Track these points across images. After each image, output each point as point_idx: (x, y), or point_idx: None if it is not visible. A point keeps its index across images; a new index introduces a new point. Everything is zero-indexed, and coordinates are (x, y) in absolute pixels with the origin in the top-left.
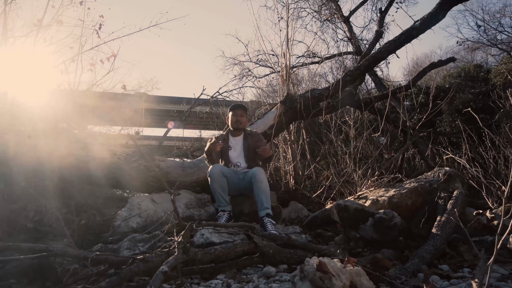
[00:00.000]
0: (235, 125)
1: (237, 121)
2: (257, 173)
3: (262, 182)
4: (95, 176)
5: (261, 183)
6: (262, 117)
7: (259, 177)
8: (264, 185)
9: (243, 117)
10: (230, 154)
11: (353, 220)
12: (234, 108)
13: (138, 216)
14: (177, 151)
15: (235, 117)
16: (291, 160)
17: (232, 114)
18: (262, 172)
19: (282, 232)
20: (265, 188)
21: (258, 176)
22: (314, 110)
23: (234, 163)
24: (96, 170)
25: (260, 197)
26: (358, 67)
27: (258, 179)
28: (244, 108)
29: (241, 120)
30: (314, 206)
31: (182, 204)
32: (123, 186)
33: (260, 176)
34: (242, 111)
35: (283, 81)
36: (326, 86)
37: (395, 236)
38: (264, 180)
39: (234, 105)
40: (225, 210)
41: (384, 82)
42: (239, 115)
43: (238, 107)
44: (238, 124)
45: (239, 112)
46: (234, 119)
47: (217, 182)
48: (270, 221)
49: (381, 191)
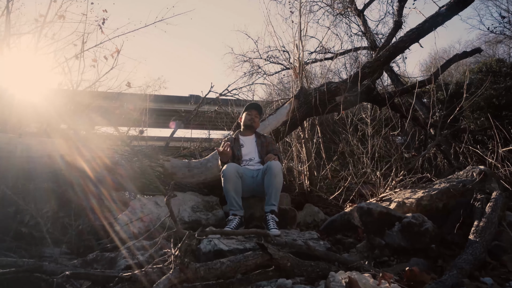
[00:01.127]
0: (249, 122)
1: (251, 119)
2: (274, 166)
3: (277, 176)
4: (94, 177)
5: (275, 178)
6: (274, 112)
7: (274, 171)
8: (277, 181)
9: (257, 117)
10: (242, 151)
11: (377, 225)
12: (250, 108)
13: (139, 221)
14: (185, 151)
15: (249, 116)
16: (306, 160)
17: (246, 113)
18: (279, 166)
19: (297, 237)
20: (277, 184)
21: (274, 169)
22: (330, 105)
23: (247, 158)
24: (95, 170)
25: (270, 190)
26: (377, 58)
27: (273, 173)
28: (260, 109)
29: (255, 120)
30: (331, 209)
31: (188, 207)
32: (124, 187)
33: (275, 170)
34: (257, 112)
35: (296, 75)
36: (343, 79)
37: (426, 243)
38: (279, 175)
39: (249, 104)
40: (237, 215)
41: (401, 78)
42: (254, 115)
43: (254, 108)
44: (252, 122)
45: (254, 113)
46: (248, 118)
47: (232, 183)
48: (273, 219)
49: (407, 193)
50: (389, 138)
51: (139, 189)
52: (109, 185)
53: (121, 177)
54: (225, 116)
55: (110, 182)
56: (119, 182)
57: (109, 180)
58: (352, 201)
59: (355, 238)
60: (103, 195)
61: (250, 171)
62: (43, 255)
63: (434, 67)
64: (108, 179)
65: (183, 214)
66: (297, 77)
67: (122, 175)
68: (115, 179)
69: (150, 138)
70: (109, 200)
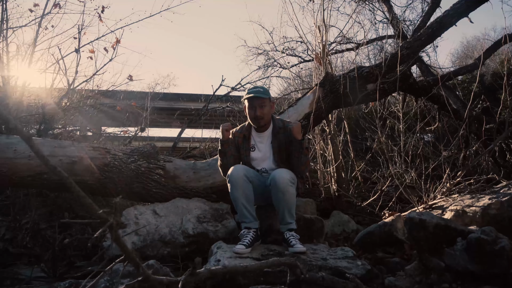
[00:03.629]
0: (255, 122)
1: (257, 117)
2: (279, 180)
3: (285, 192)
4: (82, 181)
5: (283, 194)
6: (295, 104)
7: (280, 186)
8: (288, 196)
9: (264, 107)
10: (252, 156)
11: (433, 241)
12: (250, 98)
13: (134, 234)
14: (195, 151)
15: (252, 110)
16: (333, 159)
17: (248, 104)
18: (286, 177)
19: (328, 255)
20: (288, 199)
21: (280, 184)
22: (361, 94)
23: (258, 168)
24: (84, 174)
25: (281, 209)
26: (418, 37)
27: (280, 189)
28: (264, 93)
29: (262, 112)
30: (364, 218)
31: (193, 217)
32: (118, 193)
33: (281, 185)
34: (260, 100)
35: (319, 60)
36: (376, 63)
37: (503, 267)
38: (288, 189)
39: (248, 91)
40: (251, 228)
41: (432, 69)
42: (258, 104)
43: (255, 97)
44: (259, 120)
45: (257, 102)
46: (252, 114)
47: (240, 189)
48: (293, 235)
49: (466, 199)
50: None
51: (135, 194)
52: (99, 190)
53: (113, 180)
54: (239, 113)
55: (100, 186)
56: (111, 186)
57: (100, 185)
58: (390, 209)
59: (401, 256)
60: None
61: (263, 177)
62: (16, 277)
63: (467, 57)
64: (99, 183)
65: (187, 226)
66: (320, 63)
67: (115, 178)
68: (106, 183)
69: (159, 138)
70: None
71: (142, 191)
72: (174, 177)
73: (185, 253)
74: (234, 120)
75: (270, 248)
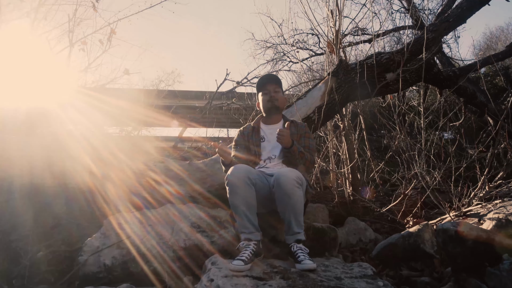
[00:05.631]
0: (270, 104)
1: (271, 98)
2: (283, 180)
3: (292, 195)
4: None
5: (289, 198)
6: (304, 96)
7: (285, 188)
8: (294, 200)
9: (278, 93)
10: (262, 146)
11: (471, 257)
12: (264, 83)
13: (115, 247)
14: (196, 151)
15: (267, 94)
16: (347, 159)
17: (262, 93)
18: (292, 177)
19: (342, 273)
20: (295, 204)
21: (285, 185)
22: (380, 84)
23: (266, 157)
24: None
25: (287, 216)
26: (445, 19)
27: (285, 191)
28: (278, 80)
29: (277, 96)
30: (383, 225)
31: (186, 226)
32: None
33: (287, 186)
34: (275, 85)
35: (332, 48)
36: (397, 49)
37: None
38: (295, 192)
39: (261, 78)
40: (251, 239)
41: (453, 61)
42: (273, 90)
43: (269, 81)
44: (274, 101)
45: (271, 87)
46: (266, 98)
47: (241, 194)
48: (301, 248)
49: (510, 205)
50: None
51: (120, 200)
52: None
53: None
54: (245, 110)
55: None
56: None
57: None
58: (415, 215)
59: (430, 274)
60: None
61: (267, 176)
62: None
63: (490, 49)
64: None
65: (178, 237)
66: (332, 51)
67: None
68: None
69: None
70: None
71: (126, 194)
72: (165, 180)
73: (175, 269)
74: (240, 116)
75: (274, 265)
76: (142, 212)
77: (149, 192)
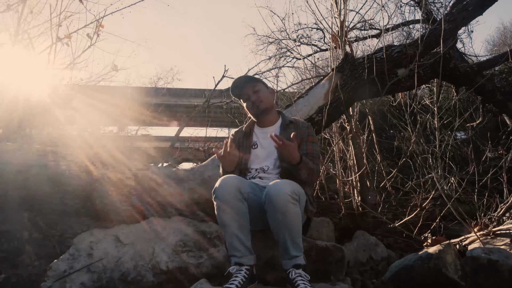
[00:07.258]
0: (255, 109)
1: (254, 103)
2: (276, 196)
3: (286, 213)
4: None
5: (283, 216)
6: (305, 94)
7: (278, 205)
8: (289, 219)
9: (258, 92)
10: (255, 153)
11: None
12: (240, 87)
13: (86, 270)
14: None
15: (248, 100)
16: (355, 164)
17: (243, 100)
18: (285, 189)
19: None
20: (291, 223)
21: (277, 202)
22: (391, 81)
23: (258, 167)
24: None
25: (282, 237)
26: (464, 7)
27: (277, 208)
28: (252, 78)
29: (258, 96)
30: (396, 240)
31: (169, 244)
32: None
33: (280, 203)
34: (252, 86)
35: (336, 41)
36: (410, 41)
37: None
38: (290, 209)
39: (233, 85)
40: (243, 264)
41: (467, 57)
42: (252, 93)
43: (244, 84)
44: (258, 105)
45: (249, 91)
46: (249, 104)
47: (231, 211)
48: (300, 275)
49: None
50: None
51: (91, 215)
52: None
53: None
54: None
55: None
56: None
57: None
58: (433, 233)
59: None
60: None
61: (261, 188)
62: None
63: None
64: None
65: (160, 258)
66: (337, 44)
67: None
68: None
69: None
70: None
71: (104, 208)
72: (150, 189)
73: None
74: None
75: None
76: (119, 228)
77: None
